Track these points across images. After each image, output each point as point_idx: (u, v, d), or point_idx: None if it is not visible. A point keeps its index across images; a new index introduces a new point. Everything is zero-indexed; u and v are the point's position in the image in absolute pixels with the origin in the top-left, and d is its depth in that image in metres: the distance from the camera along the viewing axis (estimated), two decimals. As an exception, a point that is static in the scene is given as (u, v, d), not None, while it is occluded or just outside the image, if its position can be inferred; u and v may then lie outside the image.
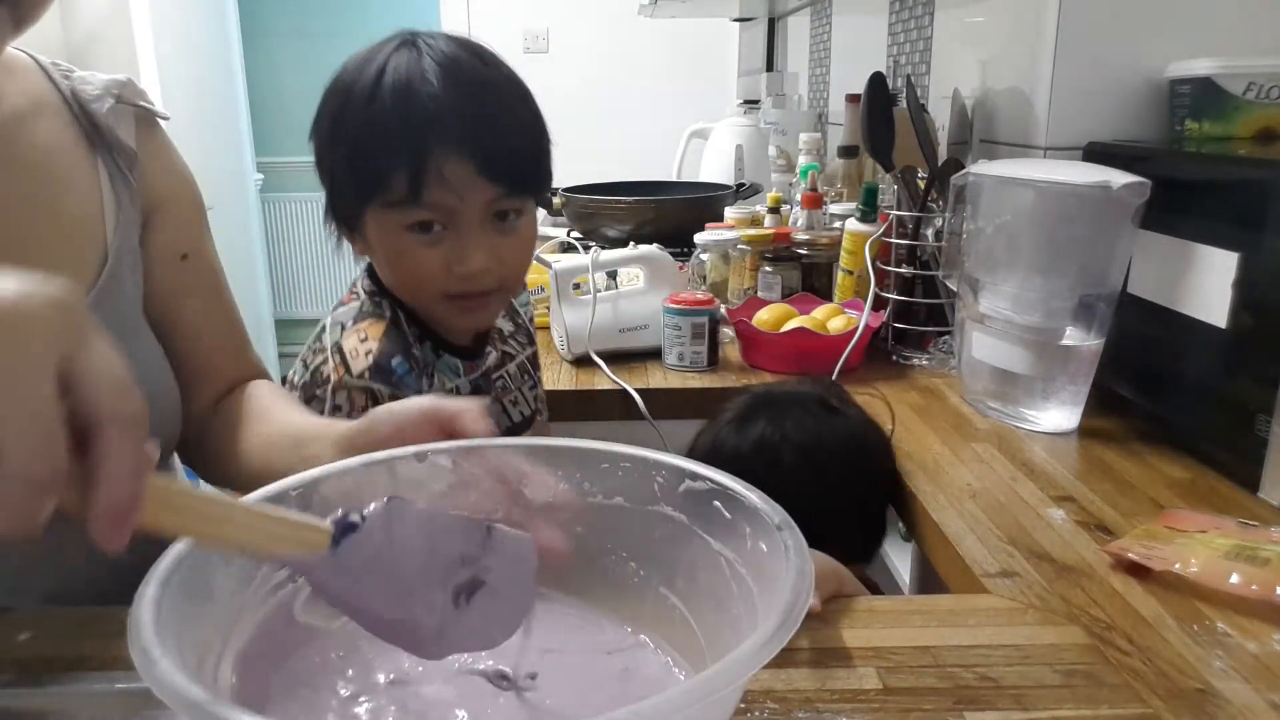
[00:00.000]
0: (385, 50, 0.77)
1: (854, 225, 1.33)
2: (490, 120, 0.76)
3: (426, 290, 0.81)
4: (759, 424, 0.89)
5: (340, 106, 0.78)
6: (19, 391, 0.30)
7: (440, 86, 0.75)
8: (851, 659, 0.60)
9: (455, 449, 0.56)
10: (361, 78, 0.76)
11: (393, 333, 0.83)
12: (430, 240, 0.78)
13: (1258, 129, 1.04)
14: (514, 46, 3.66)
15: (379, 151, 0.76)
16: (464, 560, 0.43)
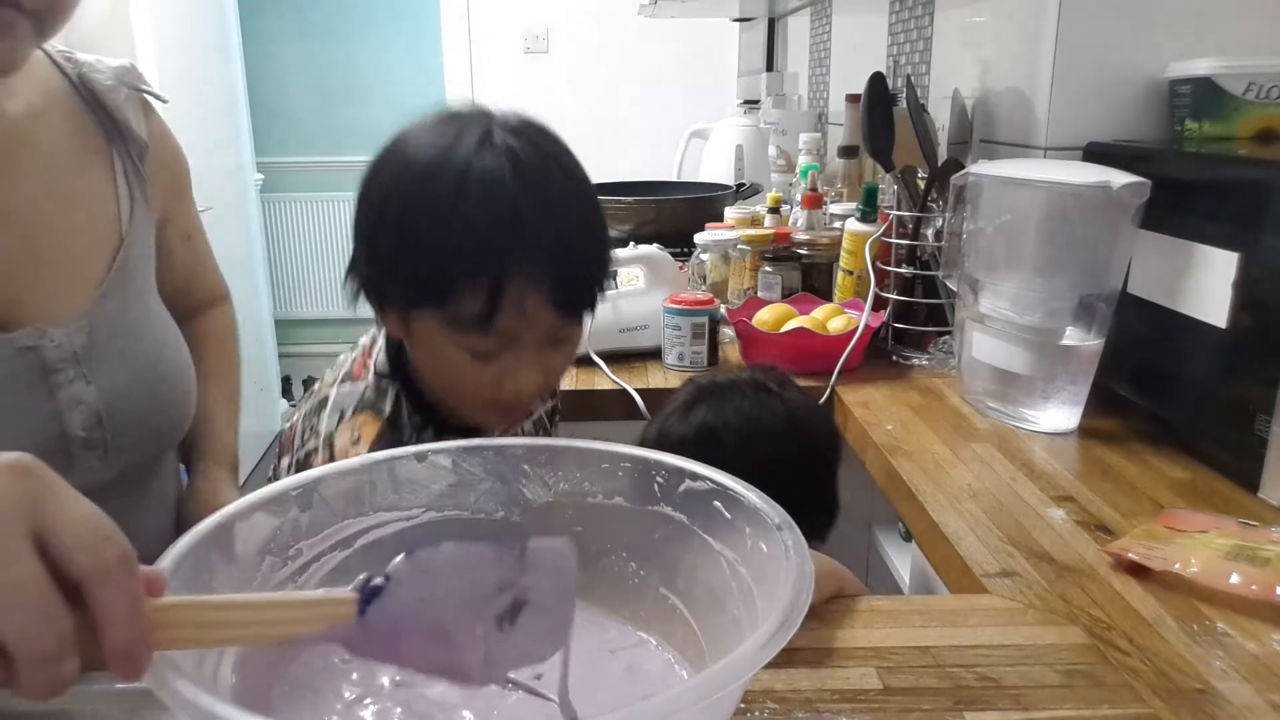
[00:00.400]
0: (466, 143, 0.70)
1: (854, 225, 1.33)
2: (570, 249, 0.72)
3: (469, 399, 0.77)
4: (701, 410, 0.89)
5: (402, 189, 0.71)
6: (5, 576, 0.31)
7: (528, 208, 0.69)
8: (851, 659, 0.60)
9: (455, 449, 0.56)
10: (442, 173, 0.69)
11: (387, 435, 0.77)
12: (483, 361, 0.73)
13: (1258, 129, 1.04)
14: (514, 46, 3.66)
15: (456, 267, 0.69)
16: (502, 586, 0.42)
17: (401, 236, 0.71)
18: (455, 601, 0.41)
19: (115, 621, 0.33)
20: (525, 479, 0.57)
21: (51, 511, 0.33)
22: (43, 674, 0.32)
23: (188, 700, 0.33)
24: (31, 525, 0.32)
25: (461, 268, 0.68)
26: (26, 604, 0.31)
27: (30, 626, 0.31)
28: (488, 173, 0.68)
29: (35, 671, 0.32)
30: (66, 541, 0.33)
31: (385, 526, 0.55)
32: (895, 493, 0.93)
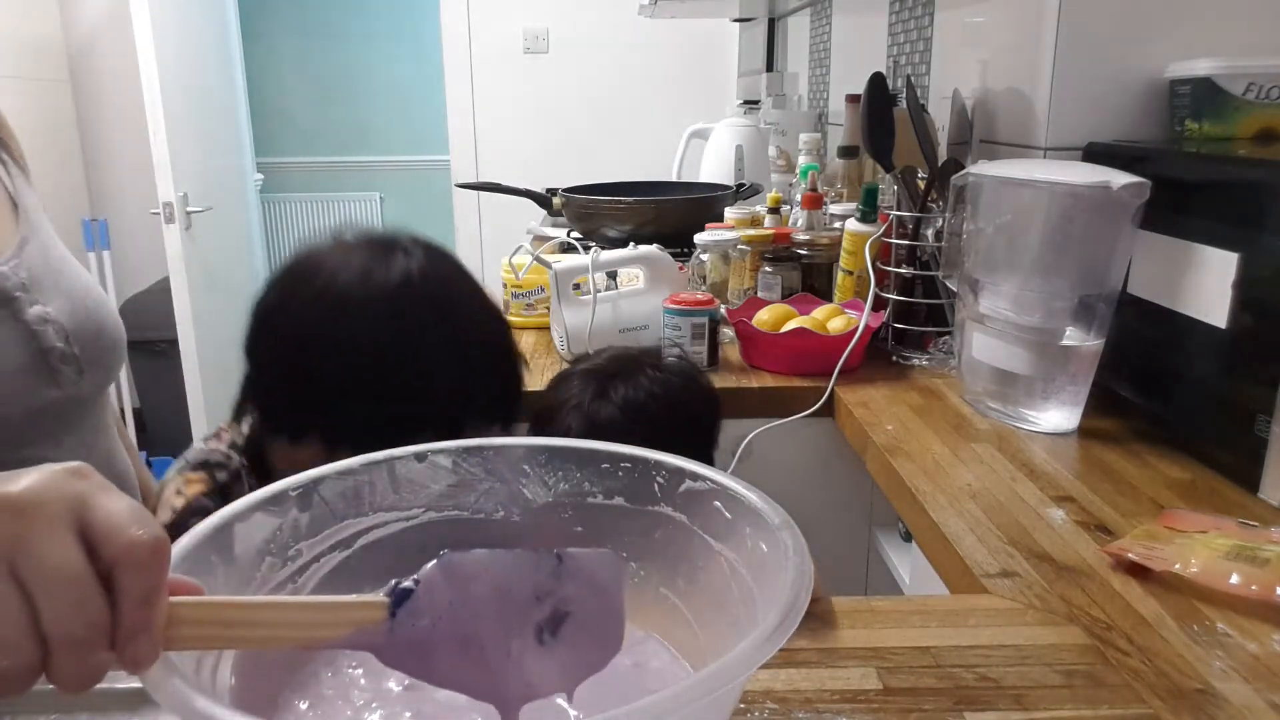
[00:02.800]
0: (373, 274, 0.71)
1: (854, 225, 1.33)
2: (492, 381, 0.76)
3: None
4: (620, 389, 0.89)
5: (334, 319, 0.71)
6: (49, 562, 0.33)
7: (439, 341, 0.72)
8: (851, 659, 0.60)
9: (456, 449, 0.56)
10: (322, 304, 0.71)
11: (213, 501, 0.76)
12: None
13: (1258, 129, 1.04)
14: (514, 46, 3.66)
15: (330, 418, 0.71)
16: (539, 596, 0.40)
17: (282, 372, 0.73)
18: (489, 611, 0.39)
19: (129, 604, 0.34)
20: (525, 479, 0.57)
21: (95, 505, 0.34)
22: (74, 661, 0.33)
23: (185, 701, 0.33)
24: (77, 519, 0.34)
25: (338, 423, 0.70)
26: (63, 588, 0.32)
27: (65, 610, 0.32)
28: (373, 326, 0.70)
29: (67, 658, 0.33)
30: (103, 529, 0.34)
31: (385, 526, 0.55)
32: (895, 493, 0.93)
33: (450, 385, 0.72)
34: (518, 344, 0.80)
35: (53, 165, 3.20)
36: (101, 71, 3.33)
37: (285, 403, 0.75)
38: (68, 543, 0.33)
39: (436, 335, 0.72)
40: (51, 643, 0.32)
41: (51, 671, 0.33)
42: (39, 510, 0.33)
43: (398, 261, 0.73)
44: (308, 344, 0.72)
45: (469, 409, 0.74)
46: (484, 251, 3.76)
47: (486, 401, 0.75)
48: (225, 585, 0.46)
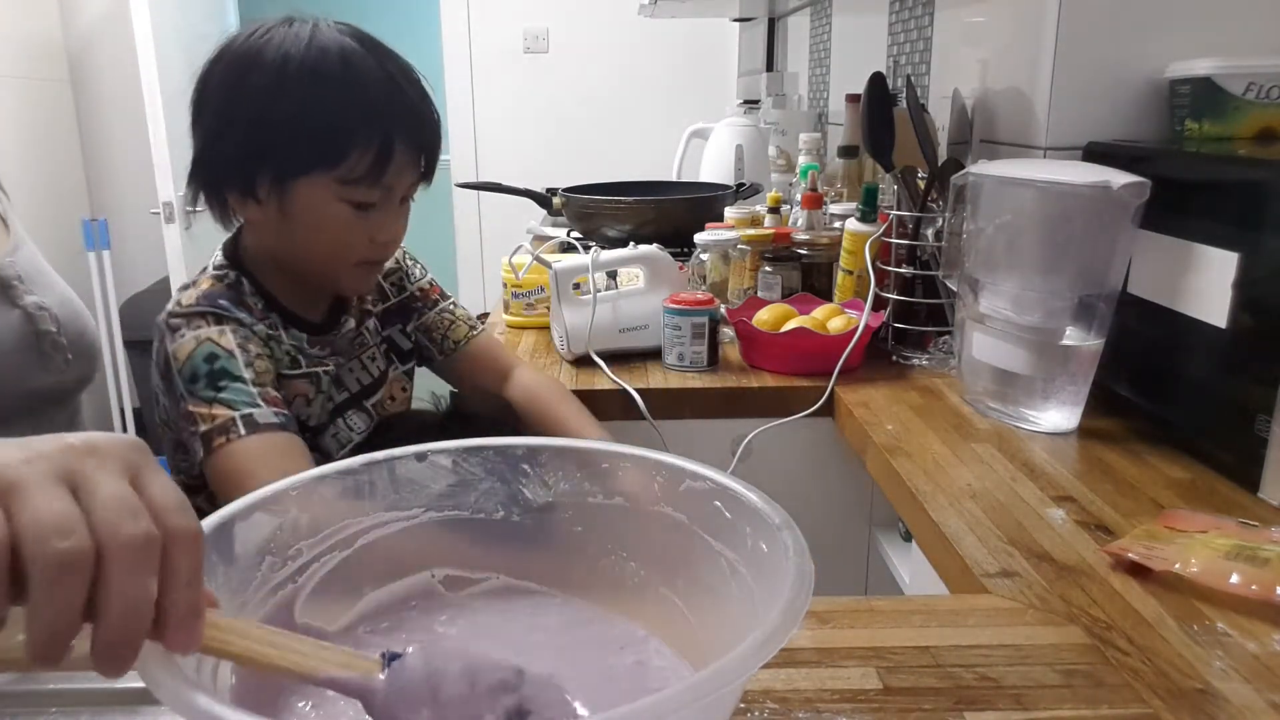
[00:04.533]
0: (321, 32, 0.84)
1: (854, 225, 1.33)
2: (431, 117, 0.89)
3: (343, 257, 0.90)
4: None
5: (291, 77, 0.82)
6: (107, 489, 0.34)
7: (398, 76, 0.86)
8: (851, 659, 0.60)
9: (456, 449, 0.56)
10: (317, 54, 0.82)
11: (221, 288, 0.89)
12: (363, 214, 0.87)
13: (1258, 129, 1.04)
14: (514, 46, 3.66)
15: (352, 130, 0.83)
16: (505, 687, 0.43)
17: (300, 114, 0.82)
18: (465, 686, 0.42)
19: (180, 584, 0.34)
20: (525, 479, 0.57)
21: (151, 479, 0.36)
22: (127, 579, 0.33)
23: (185, 700, 0.33)
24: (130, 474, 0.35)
25: (359, 130, 0.83)
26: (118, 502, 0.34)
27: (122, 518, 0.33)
28: (357, 53, 0.84)
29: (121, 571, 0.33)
30: (158, 501, 0.35)
31: (385, 526, 0.55)
32: (895, 493, 0.93)
33: (376, 94, 0.83)
34: (434, 100, 0.90)
35: (53, 165, 3.19)
36: (101, 71, 3.33)
37: (234, 149, 0.85)
38: (125, 484, 0.35)
39: (361, 59, 0.84)
40: (106, 550, 0.32)
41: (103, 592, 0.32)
42: (106, 455, 0.35)
43: (317, 19, 0.86)
44: (246, 85, 0.83)
45: (391, 124, 0.84)
46: (484, 251, 3.76)
47: (406, 122, 0.86)
48: (226, 584, 0.46)
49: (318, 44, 0.83)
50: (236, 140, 0.84)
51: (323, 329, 0.97)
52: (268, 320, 0.91)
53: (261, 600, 0.48)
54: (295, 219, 0.87)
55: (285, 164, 0.84)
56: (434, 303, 1.10)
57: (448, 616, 0.55)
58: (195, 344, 0.84)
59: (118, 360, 3.16)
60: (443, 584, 0.57)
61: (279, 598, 0.49)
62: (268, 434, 0.81)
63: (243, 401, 0.82)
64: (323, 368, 0.96)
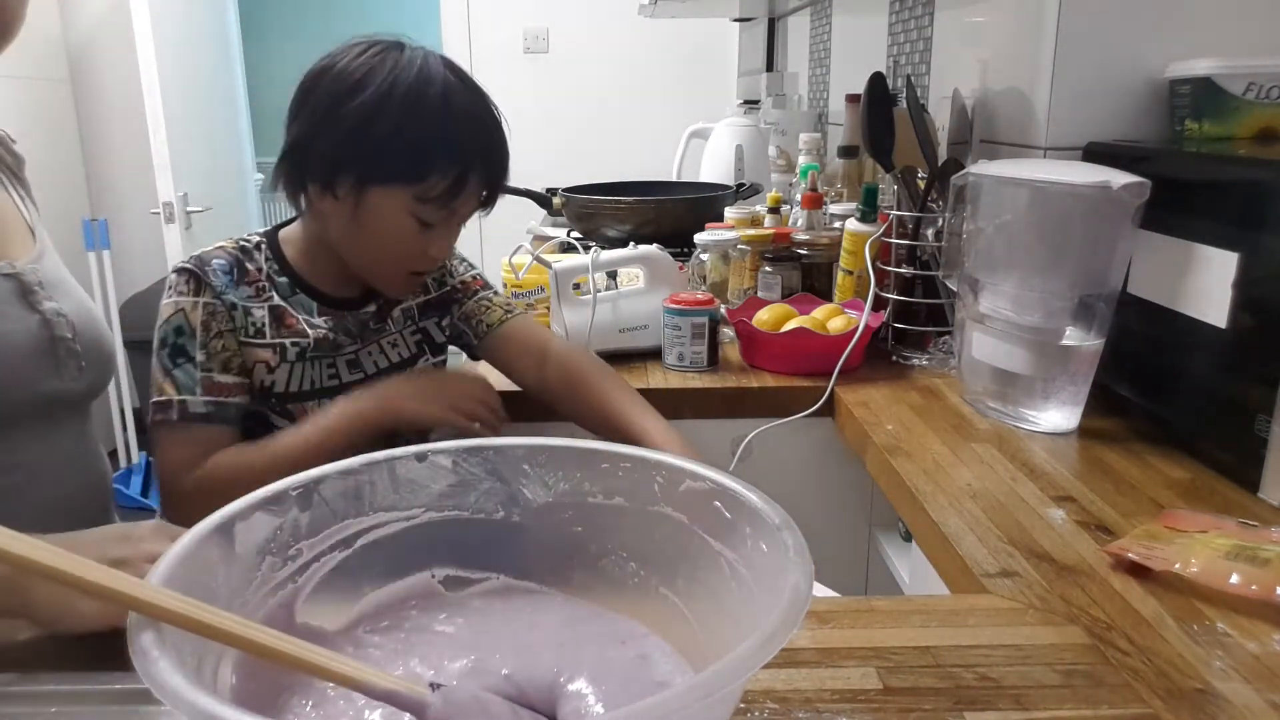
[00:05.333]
0: (431, 64, 0.93)
1: (854, 225, 1.33)
2: (504, 156, 0.98)
3: (397, 263, 0.99)
4: None
5: (399, 96, 0.90)
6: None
7: (486, 118, 0.95)
8: (851, 659, 0.60)
9: (456, 449, 0.56)
10: (424, 83, 0.91)
11: (234, 249, 0.99)
12: (425, 230, 0.95)
13: (1258, 129, 1.04)
14: (514, 46, 3.66)
15: (438, 156, 0.92)
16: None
17: (399, 129, 0.90)
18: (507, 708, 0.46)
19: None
20: (525, 479, 0.57)
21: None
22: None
23: (186, 700, 0.33)
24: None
25: (445, 157, 0.92)
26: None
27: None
28: (458, 91, 0.93)
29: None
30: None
31: (385, 526, 0.55)
32: (895, 493, 0.93)
33: (464, 129, 0.93)
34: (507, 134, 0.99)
35: (53, 165, 3.19)
36: (101, 71, 3.33)
37: (329, 148, 0.92)
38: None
39: (459, 95, 0.93)
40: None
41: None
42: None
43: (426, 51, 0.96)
44: (354, 96, 0.90)
45: (471, 158, 0.93)
46: (484, 251, 3.76)
47: (483, 158, 0.95)
48: (226, 584, 0.46)
49: (424, 74, 0.91)
50: (333, 141, 0.91)
51: (339, 304, 1.03)
52: (258, 284, 0.98)
53: (262, 600, 0.48)
54: (364, 221, 0.94)
55: (370, 171, 0.92)
56: (474, 292, 1.14)
57: (447, 616, 0.55)
58: (172, 310, 0.95)
59: (118, 360, 3.16)
60: (443, 584, 0.57)
61: (279, 598, 0.49)
62: (190, 425, 0.94)
63: (186, 385, 0.94)
64: (295, 339, 0.99)
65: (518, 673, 0.49)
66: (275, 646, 0.40)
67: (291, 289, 1.01)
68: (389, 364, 1.06)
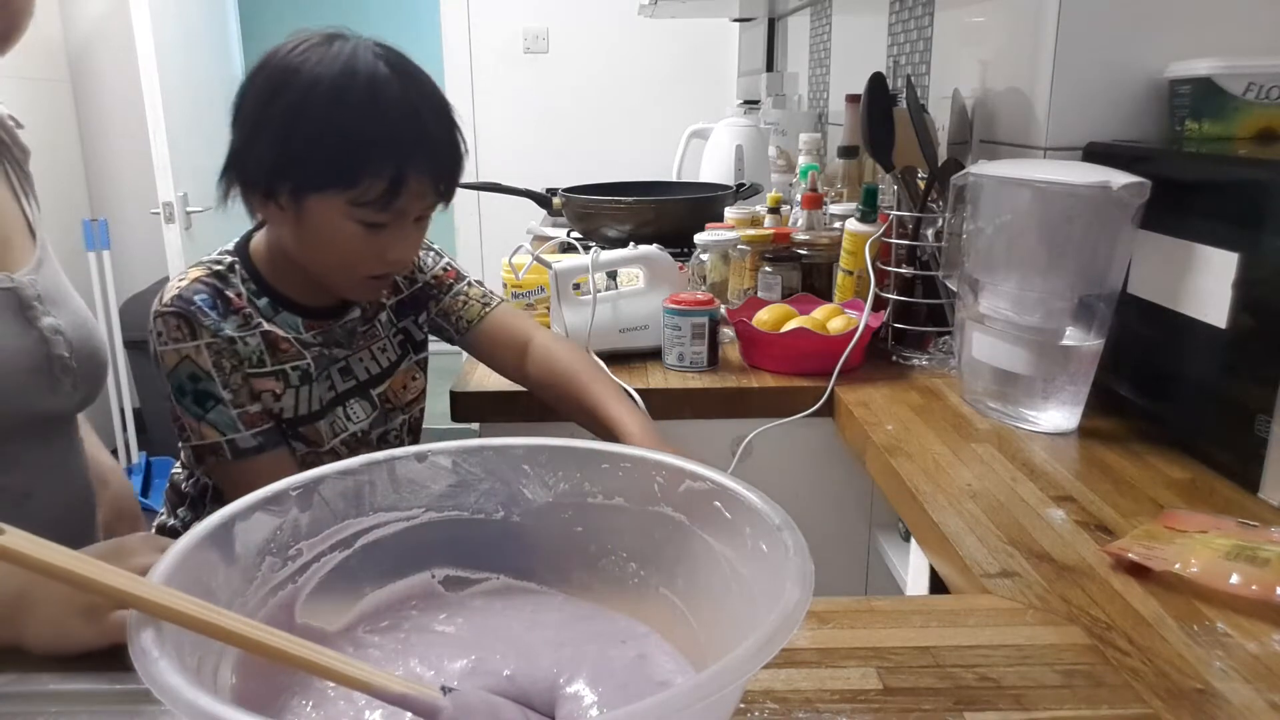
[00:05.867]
0: (360, 56, 0.86)
1: (854, 225, 1.33)
2: (450, 145, 0.91)
3: (352, 272, 0.93)
4: None
5: (319, 96, 0.85)
6: None
7: (424, 109, 0.88)
8: (851, 659, 0.60)
9: (456, 449, 0.56)
10: (347, 78, 0.85)
11: (209, 278, 0.95)
12: (373, 233, 0.90)
13: (1258, 129, 1.04)
14: (514, 46, 3.66)
15: (367, 157, 0.85)
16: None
17: (320, 133, 0.85)
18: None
19: None
20: (525, 479, 0.57)
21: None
22: None
23: (186, 700, 0.33)
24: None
25: (373, 157, 0.85)
26: None
27: None
28: (388, 81, 0.86)
29: None
30: None
31: (385, 526, 0.55)
32: (895, 493, 0.93)
33: (396, 123, 0.86)
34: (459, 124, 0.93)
35: (53, 165, 3.19)
36: (101, 71, 3.33)
37: (261, 158, 0.88)
38: None
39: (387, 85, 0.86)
40: None
41: None
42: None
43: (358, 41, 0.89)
44: (277, 99, 0.86)
45: (407, 154, 0.86)
46: (484, 251, 3.76)
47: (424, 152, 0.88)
48: (226, 585, 0.46)
49: (349, 67, 0.85)
50: (263, 150, 0.88)
51: (323, 315, 1.01)
52: (244, 311, 0.95)
53: (262, 600, 0.48)
54: (309, 230, 0.90)
55: (302, 180, 0.87)
56: (449, 286, 1.12)
57: (447, 616, 0.55)
58: (177, 359, 0.92)
59: (118, 360, 3.16)
60: (443, 584, 0.57)
61: (279, 598, 0.49)
62: (249, 459, 0.93)
63: (226, 424, 0.92)
64: (294, 363, 0.97)
65: (518, 673, 0.49)
66: (290, 651, 0.40)
67: (274, 308, 0.98)
68: (379, 368, 1.06)
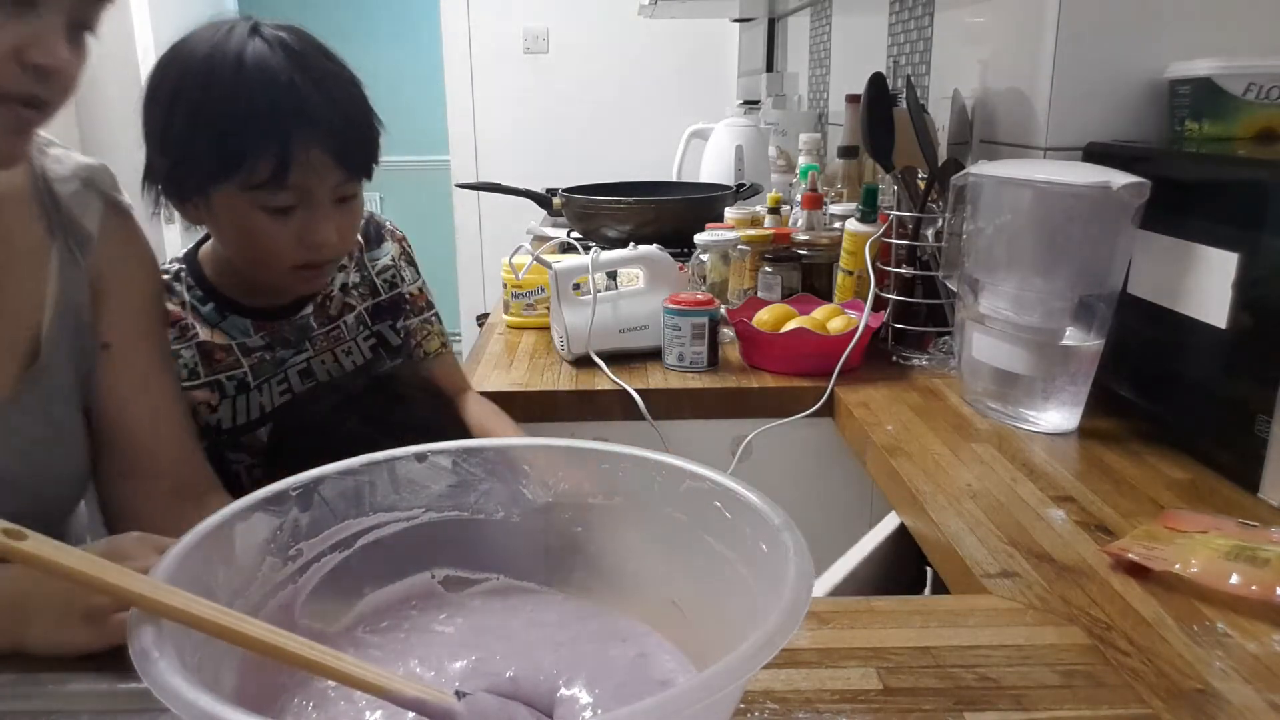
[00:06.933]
0: (234, 36, 0.82)
1: (854, 226, 1.33)
2: (343, 112, 0.85)
3: (276, 263, 0.88)
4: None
5: (189, 85, 0.81)
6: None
7: (300, 78, 0.82)
8: (851, 659, 0.60)
9: (456, 449, 0.56)
10: (215, 60, 0.80)
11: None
12: (283, 218, 0.85)
13: (1258, 129, 1.04)
14: (514, 46, 3.66)
15: (243, 137, 0.80)
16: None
17: (194, 123, 0.81)
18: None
19: None
20: (525, 479, 0.57)
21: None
22: None
23: (186, 700, 0.33)
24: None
25: (250, 136, 0.80)
26: None
27: None
28: (261, 56, 0.81)
29: None
30: None
31: (385, 526, 0.55)
32: (895, 493, 0.93)
33: (269, 97, 0.80)
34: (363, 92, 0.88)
35: (53, 165, 3.19)
36: (101, 70, 3.33)
37: (158, 161, 0.85)
38: None
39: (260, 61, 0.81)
40: None
41: None
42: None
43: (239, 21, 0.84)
44: (156, 95, 0.83)
45: (287, 126, 0.81)
46: (484, 251, 3.76)
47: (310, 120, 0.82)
48: (226, 585, 0.46)
49: (220, 49, 0.80)
50: (157, 152, 0.85)
51: (273, 315, 0.98)
52: (181, 323, 0.93)
53: (262, 600, 0.48)
54: (226, 227, 0.87)
55: (195, 175, 0.84)
56: (419, 309, 1.10)
57: (447, 616, 0.55)
58: None
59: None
60: (443, 584, 0.57)
61: (279, 598, 0.49)
62: None
63: None
64: (230, 373, 0.95)
65: (520, 673, 0.49)
66: (302, 654, 0.40)
67: (220, 314, 0.95)
68: (342, 371, 1.03)
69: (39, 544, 0.38)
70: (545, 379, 1.24)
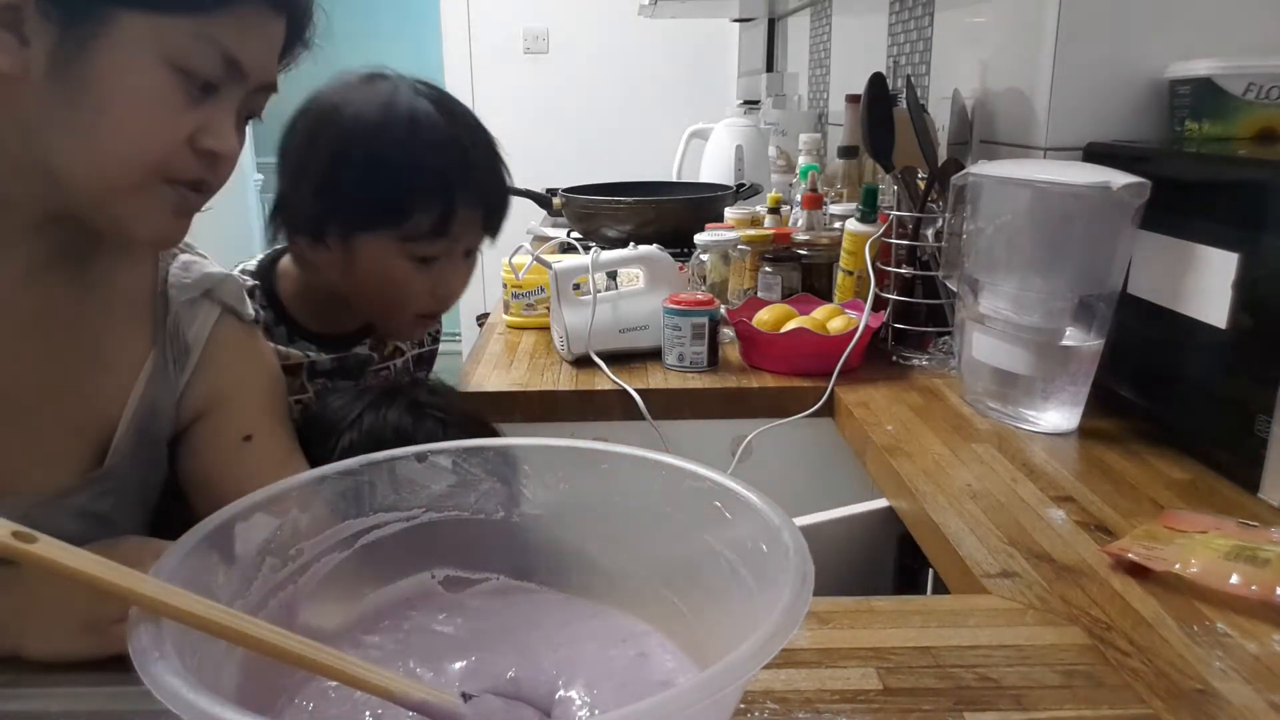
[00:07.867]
0: (400, 93, 0.88)
1: (854, 226, 1.33)
2: (497, 178, 0.93)
3: (405, 308, 0.94)
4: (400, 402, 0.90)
5: (360, 136, 0.86)
6: None
7: (466, 140, 0.89)
8: (851, 659, 0.60)
9: (456, 449, 0.56)
10: (389, 116, 0.86)
11: None
12: (425, 268, 0.91)
13: (1258, 129, 1.03)
14: (514, 46, 3.66)
15: (415, 191, 0.87)
16: None
17: (363, 173, 0.86)
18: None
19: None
20: (525, 479, 0.57)
21: None
22: None
23: (186, 701, 0.33)
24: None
25: (420, 191, 0.87)
26: None
27: None
28: (430, 116, 0.87)
29: None
30: None
31: (385, 527, 0.55)
32: (895, 493, 0.93)
33: (441, 156, 0.87)
34: (504, 160, 0.95)
35: (53, 165, 3.19)
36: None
37: (307, 202, 0.89)
38: None
39: (429, 121, 0.87)
40: None
41: None
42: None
43: (399, 79, 0.91)
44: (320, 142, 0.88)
45: (453, 187, 0.87)
46: (484, 251, 3.76)
47: (471, 184, 0.89)
48: (226, 585, 0.46)
49: (390, 106, 0.86)
50: (308, 193, 0.89)
51: (339, 344, 1.00)
52: (271, 337, 0.94)
53: (262, 600, 0.48)
54: (361, 271, 0.90)
55: (350, 221, 0.88)
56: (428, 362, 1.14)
57: (447, 616, 0.55)
58: None
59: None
60: (443, 584, 0.57)
61: (279, 598, 0.49)
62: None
63: None
64: (296, 396, 0.94)
65: (520, 673, 0.50)
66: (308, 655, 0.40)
67: (290, 338, 0.97)
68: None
69: (49, 547, 0.38)
70: (545, 379, 1.24)
